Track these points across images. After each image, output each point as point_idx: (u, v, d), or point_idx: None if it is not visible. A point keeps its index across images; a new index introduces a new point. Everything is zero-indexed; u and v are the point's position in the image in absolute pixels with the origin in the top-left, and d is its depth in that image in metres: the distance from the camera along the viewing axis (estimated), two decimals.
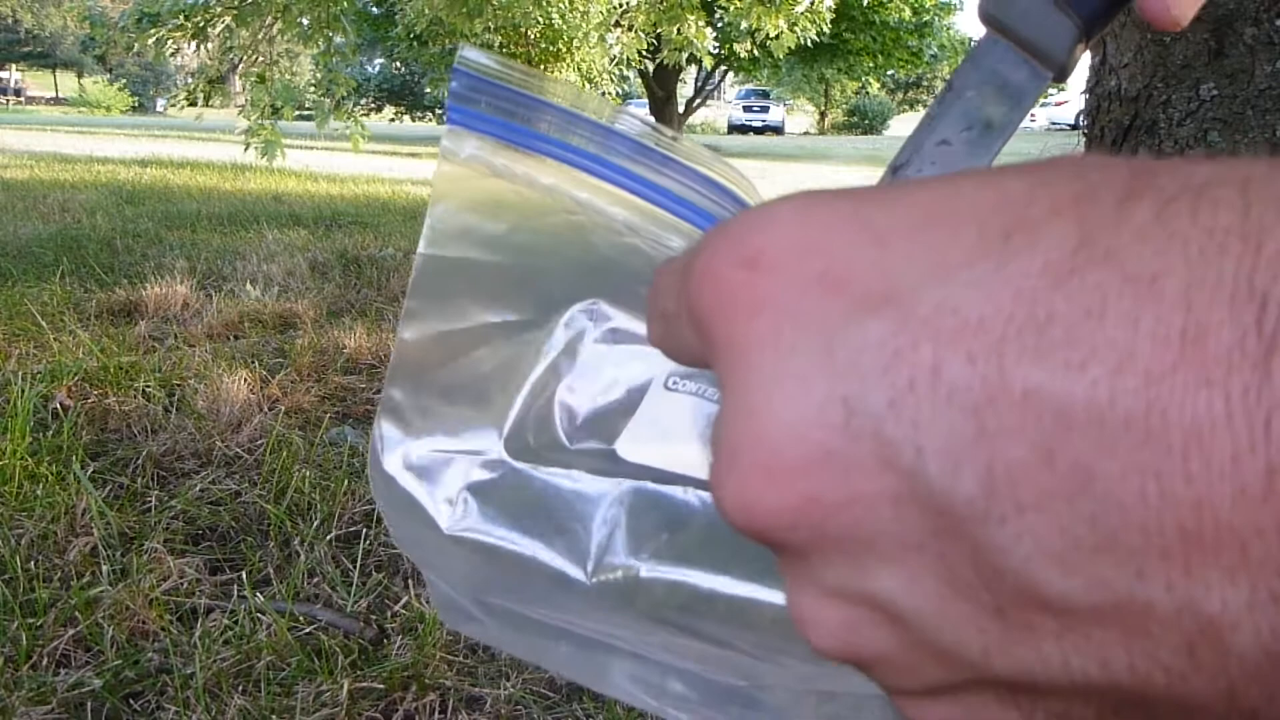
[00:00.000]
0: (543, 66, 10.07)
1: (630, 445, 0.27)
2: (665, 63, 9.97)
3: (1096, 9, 0.32)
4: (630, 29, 9.46)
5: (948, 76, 0.38)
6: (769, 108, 32.01)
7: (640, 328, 0.30)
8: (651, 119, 0.35)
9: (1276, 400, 0.12)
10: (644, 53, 10.17)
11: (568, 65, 10.22)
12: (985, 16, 0.34)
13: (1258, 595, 0.12)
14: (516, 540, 0.30)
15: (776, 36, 8.02)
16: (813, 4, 7.69)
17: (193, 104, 6.75)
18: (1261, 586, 0.12)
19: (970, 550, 0.14)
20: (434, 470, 0.31)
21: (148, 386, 2.02)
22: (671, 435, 0.23)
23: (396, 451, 0.31)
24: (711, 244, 0.17)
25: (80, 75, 45.56)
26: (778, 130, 31.25)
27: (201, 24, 5.92)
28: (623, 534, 0.29)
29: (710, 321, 0.16)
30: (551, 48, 10.08)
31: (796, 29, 8.14)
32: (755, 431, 0.15)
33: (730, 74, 23.81)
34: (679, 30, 8.89)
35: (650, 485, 0.29)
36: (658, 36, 9.21)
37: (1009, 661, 0.14)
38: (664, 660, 0.31)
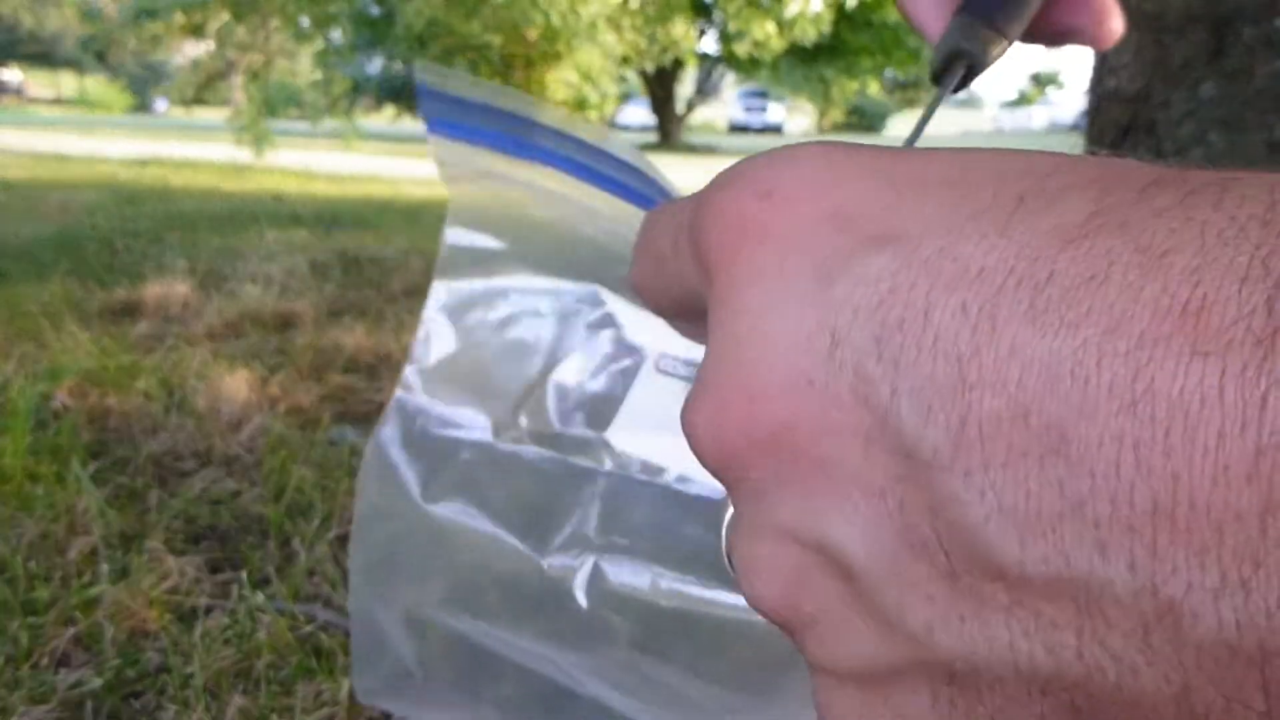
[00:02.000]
0: (542, 66, 10.05)
1: (621, 433, 0.27)
2: (654, 63, 9.95)
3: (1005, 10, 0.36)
4: (618, 28, 9.44)
5: None
6: (768, 107, 32.03)
7: (634, 314, 0.30)
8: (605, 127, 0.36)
9: (1275, 380, 0.11)
10: (641, 52, 10.15)
11: (568, 65, 10.19)
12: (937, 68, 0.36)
13: (1227, 582, 0.11)
14: (489, 523, 0.31)
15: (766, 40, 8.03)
16: (803, 9, 7.69)
17: (183, 102, 6.78)
18: (1233, 573, 0.11)
19: (930, 502, 0.13)
20: (432, 452, 0.31)
21: (148, 386, 2.02)
22: (663, 425, 0.23)
23: (398, 431, 0.32)
24: (729, 178, 0.17)
25: (81, 74, 45.55)
26: (778, 130, 31.26)
27: (200, 21, 5.93)
28: (599, 522, 0.29)
29: (715, 249, 0.17)
30: (551, 48, 10.06)
31: (795, 30, 8.14)
32: (740, 356, 0.15)
33: (730, 74, 23.79)
34: (666, 31, 8.88)
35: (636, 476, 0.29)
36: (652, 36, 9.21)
37: (952, 639, 0.14)
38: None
